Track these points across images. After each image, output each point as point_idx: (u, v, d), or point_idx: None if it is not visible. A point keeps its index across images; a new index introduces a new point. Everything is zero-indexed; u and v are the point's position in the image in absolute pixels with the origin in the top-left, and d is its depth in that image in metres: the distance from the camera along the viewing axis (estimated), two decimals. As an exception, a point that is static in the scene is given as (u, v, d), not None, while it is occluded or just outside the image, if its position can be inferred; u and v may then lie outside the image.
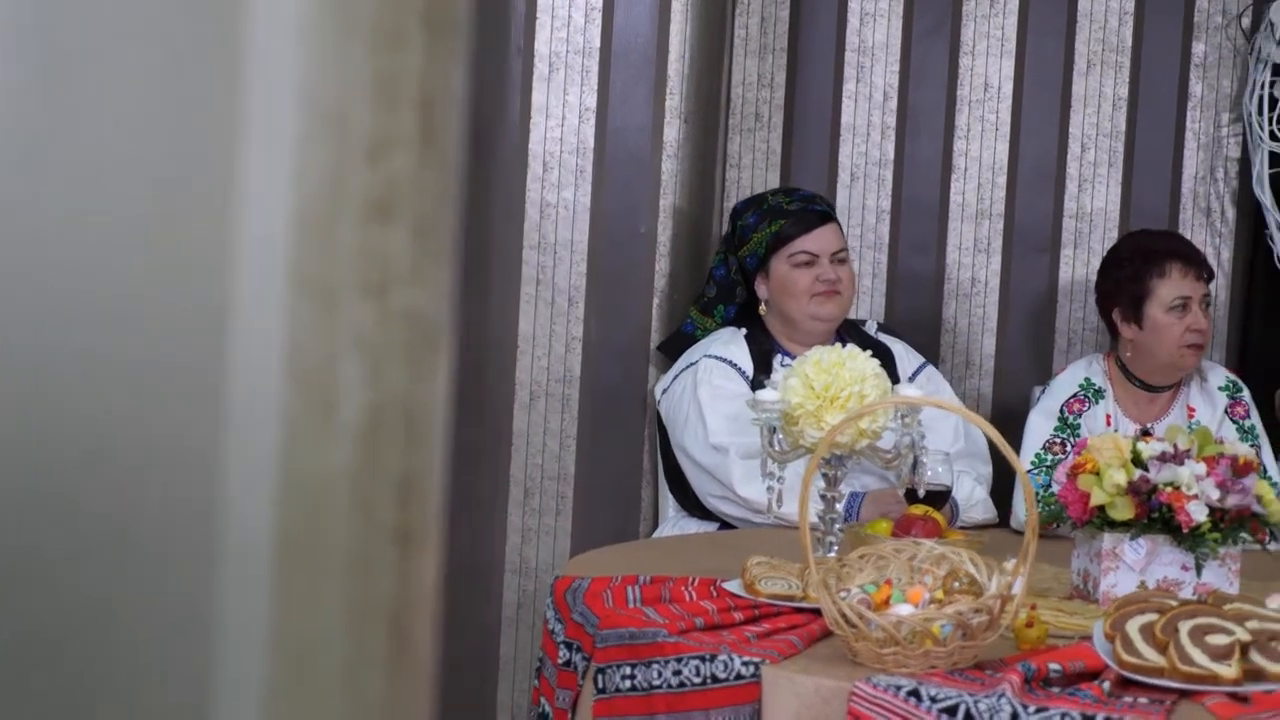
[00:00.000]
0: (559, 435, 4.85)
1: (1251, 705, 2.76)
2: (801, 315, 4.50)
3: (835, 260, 4.54)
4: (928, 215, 5.44)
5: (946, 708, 2.72)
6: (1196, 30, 5.38)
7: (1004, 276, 5.44)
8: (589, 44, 4.83)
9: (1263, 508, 3.41)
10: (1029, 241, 5.43)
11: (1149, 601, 2.97)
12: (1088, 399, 4.62)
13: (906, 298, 5.44)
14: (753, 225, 4.58)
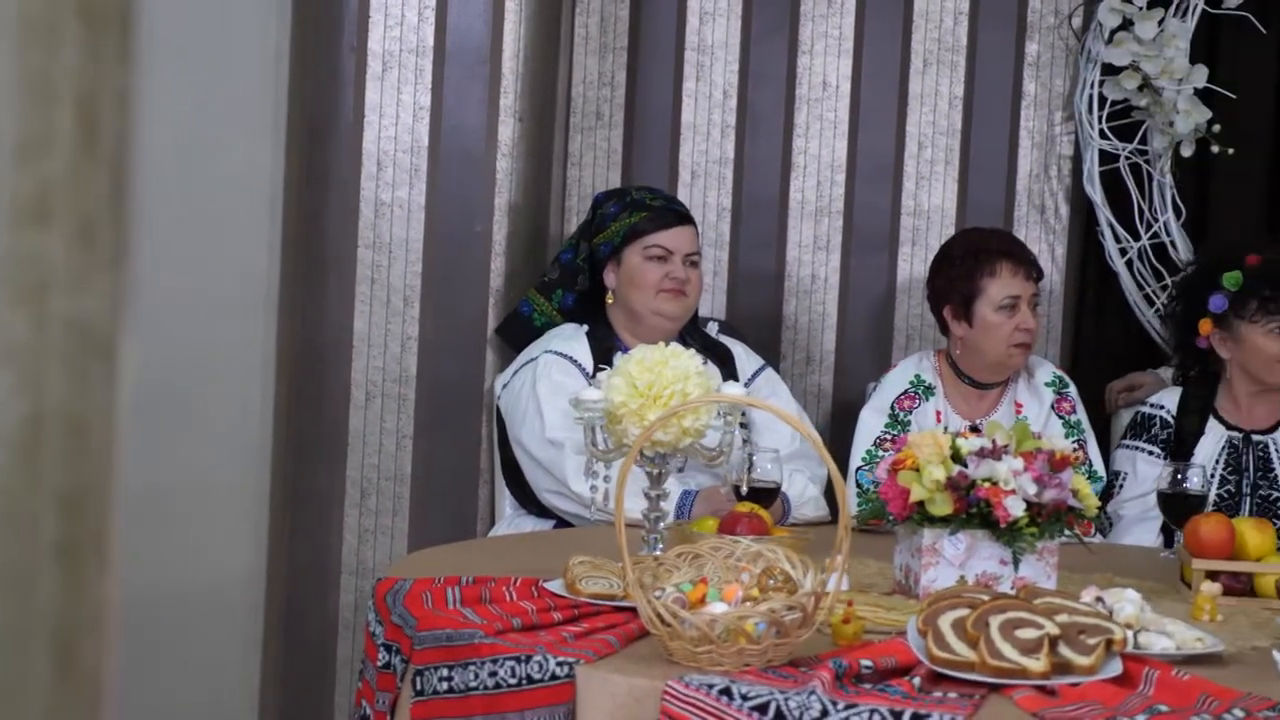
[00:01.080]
0: (395, 435, 4.80)
1: (1058, 698, 2.76)
2: (646, 309, 4.49)
3: (687, 261, 4.55)
4: (768, 213, 5.44)
5: (758, 705, 2.70)
6: (1029, 30, 5.41)
7: (843, 273, 5.44)
8: (423, 42, 4.78)
9: (1079, 502, 3.42)
10: (868, 239, 5.44)
11: (961, 597, 2.96)
12: (918, 395, 4.63)
13: (747, 295, 5.44)
14: (613, 214, 4.59)
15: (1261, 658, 3.08)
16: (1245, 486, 4.54)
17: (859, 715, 2.66)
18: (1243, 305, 4.54)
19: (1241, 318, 4.54)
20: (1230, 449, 4.59)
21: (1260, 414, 4.62)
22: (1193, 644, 3.07)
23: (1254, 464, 4.56)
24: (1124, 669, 2.88)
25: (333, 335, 4.77)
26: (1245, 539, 3.70)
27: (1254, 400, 4.62)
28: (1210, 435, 4.61)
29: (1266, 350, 4.53)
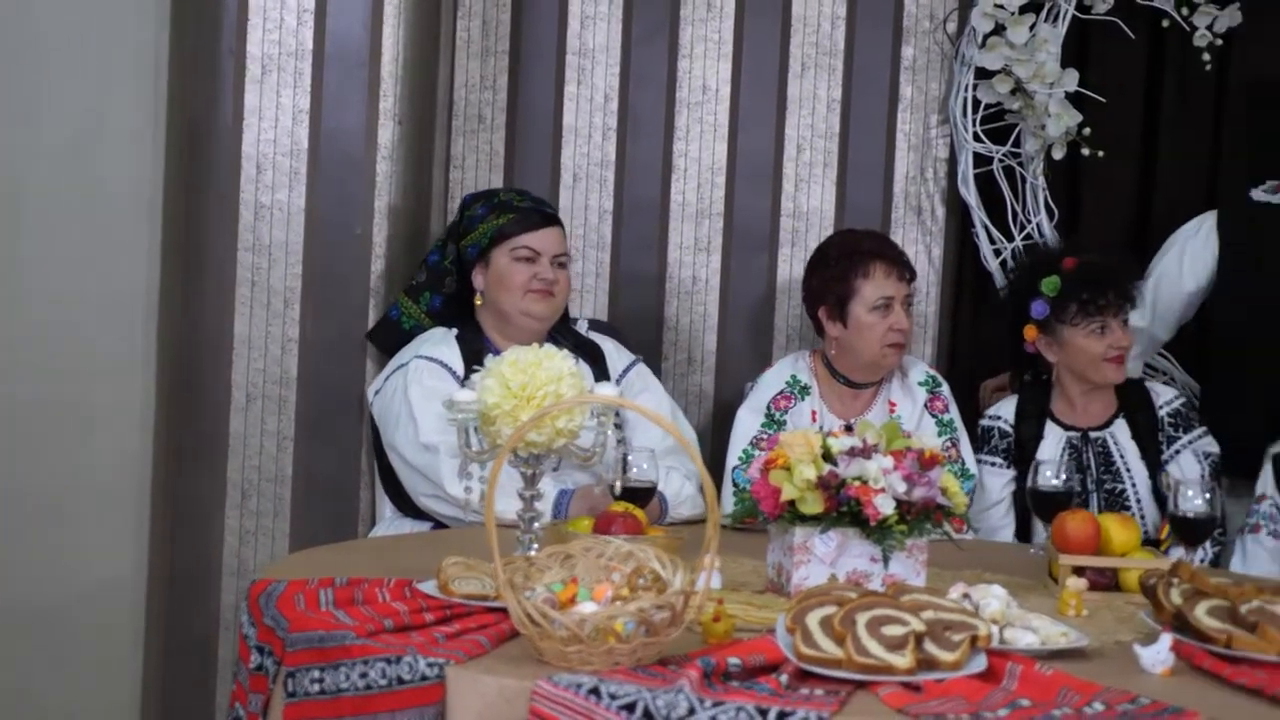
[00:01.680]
0: (276, 436, 4.76)
1: (923, 694, 2.77)
2: (515, 310, 4.48)
3: (555, 263, 4.53)
4: (649, 215, 5.44)
5: (625, 704, 2.69)
6: (905, 35, 5.43)
7: (724, 274, 5.45)
8: (301, 46, 4.74)
9: (948, 500, 3.43)
10: (748, 240, 5.44)
11: (830, 595, 2.97)
12: (794, 395, 4.64)
13: (629, 296, 5.43)
14: (481, 216, 4.57)
15: (1124, 651, 3.11)
16: (1090, 483, 4.59)
17: (725, 713, 2.66)
18: (1063, 309, 4.59)
19: (1063, 321, 4.60)
20: (1071, 449, 4.63)
21: (1095, 411, 4.66)
22: (1057, 639, 3.09)
23: (1095, 460, 4.60)
24: (988, 664, 2.90)
25: (213, 337, 4.73)
26: (1110, 535, 3.73)
27: (1087, 399, 4.66)
28: (1049, 438, 4.65)
29: (1090, 351, 4.58)
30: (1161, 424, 4.64)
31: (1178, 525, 3.81)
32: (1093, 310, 4.57)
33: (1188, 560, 3.79)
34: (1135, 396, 4.69)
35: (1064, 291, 4.60)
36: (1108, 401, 4.68)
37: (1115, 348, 4.58)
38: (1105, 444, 4.63)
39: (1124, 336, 4.58)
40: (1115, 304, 4.58)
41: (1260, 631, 3.07)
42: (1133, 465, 4.59)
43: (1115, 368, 4.59)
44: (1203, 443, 4.63)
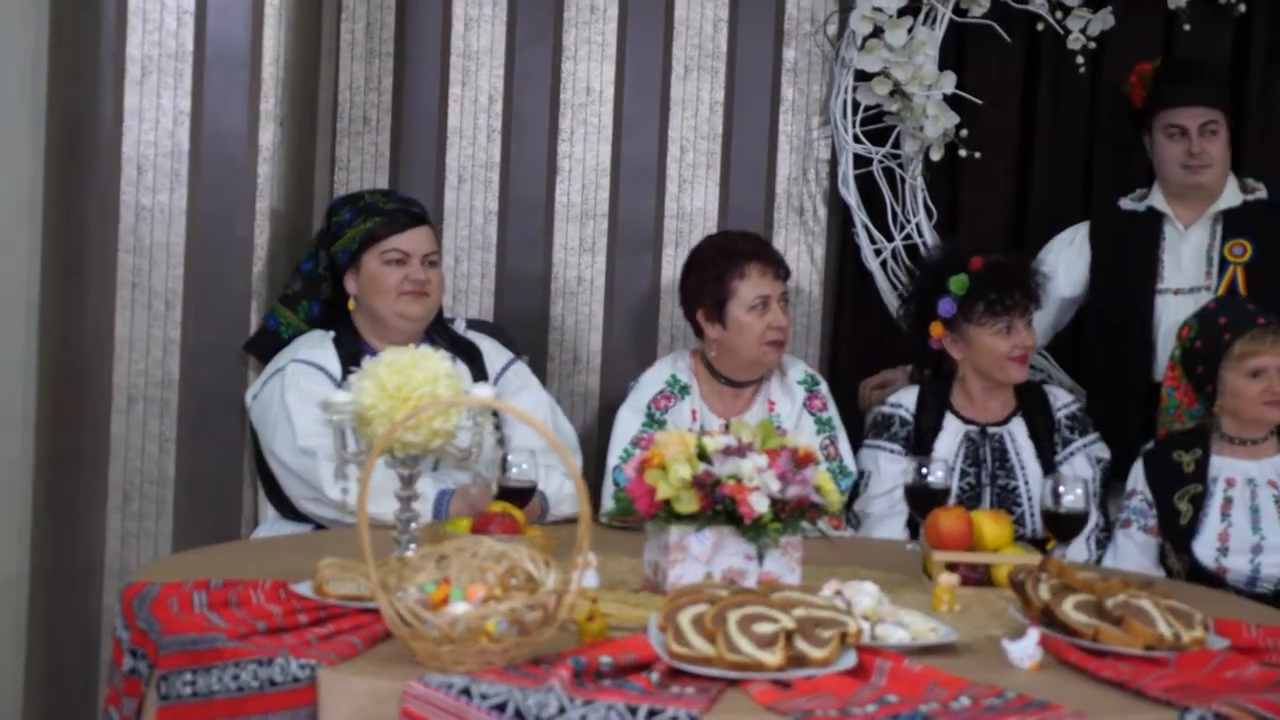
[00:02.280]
0: (158, 439, 4.70)
1: (793, 690, 2.76)
2: (389, 313, 4.43)
3: (426, 263, 4.48)
4: (534, 216, 5.42)
5: (496, 704, 2.67)
6: (787, 38, 5.43)
7: (609, 275, 5.43)
8: (182, 48, 4.68)
9: (822, 498, 3.43)
10: (632, 241, 5.43)
11: (702, 593, 2.95)
12: (674, 395, 4.63)
13: (515, 296, 5.41)
14: (348, 221, 4.50)
15: (994, 646, 3.11)
16: (985, 478, 4.60)
17: (595, 711, 2.64)
18: (970, 309, 4.60)
19: (969, 320, 4.61)
20: (968, 443, 4.64)
21: (994, 408, 4.68)
22: (927, 634, 3.09)
23: (991, 456, 4.62)
24: (858, 661, 2.89)
25: (94, 340, 4.66)
26: (983, 531, 3.74)
27: (987, 395, 4.68)
28: (948, 430, 4.66)
29: (995, 350, 4.60)
30: (1058, 426, 4.66)
31: (1050, 520, 3.83)
32: (999, 310, 4.58)
33: (1060, 556, 3.82)
34: (1033, 398, 4.70)
35: (971, 291, 4.61)
36: (1007, 400, 4.70)
37: (1020, 347, 4.59)
38: (1002, 440, 4.65)
39: (1028, 336, 4.60)
40: (1021, 304, 4.59)
41: (1126, 626, 3.09)
42: (1027, 464, 4.61)
43: (1019, 367, 4.61)
44: (1095, 447, 4.66)
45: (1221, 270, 4.98)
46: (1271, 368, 4.36)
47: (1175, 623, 3.13)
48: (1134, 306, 5.00)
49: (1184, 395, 4.56)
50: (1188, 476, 4.42)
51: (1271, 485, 4.40)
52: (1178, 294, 4.98)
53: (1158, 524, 4.42)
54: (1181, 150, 4.97)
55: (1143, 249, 5.04)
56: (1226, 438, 4.46)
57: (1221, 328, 4.45)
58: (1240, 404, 4.39)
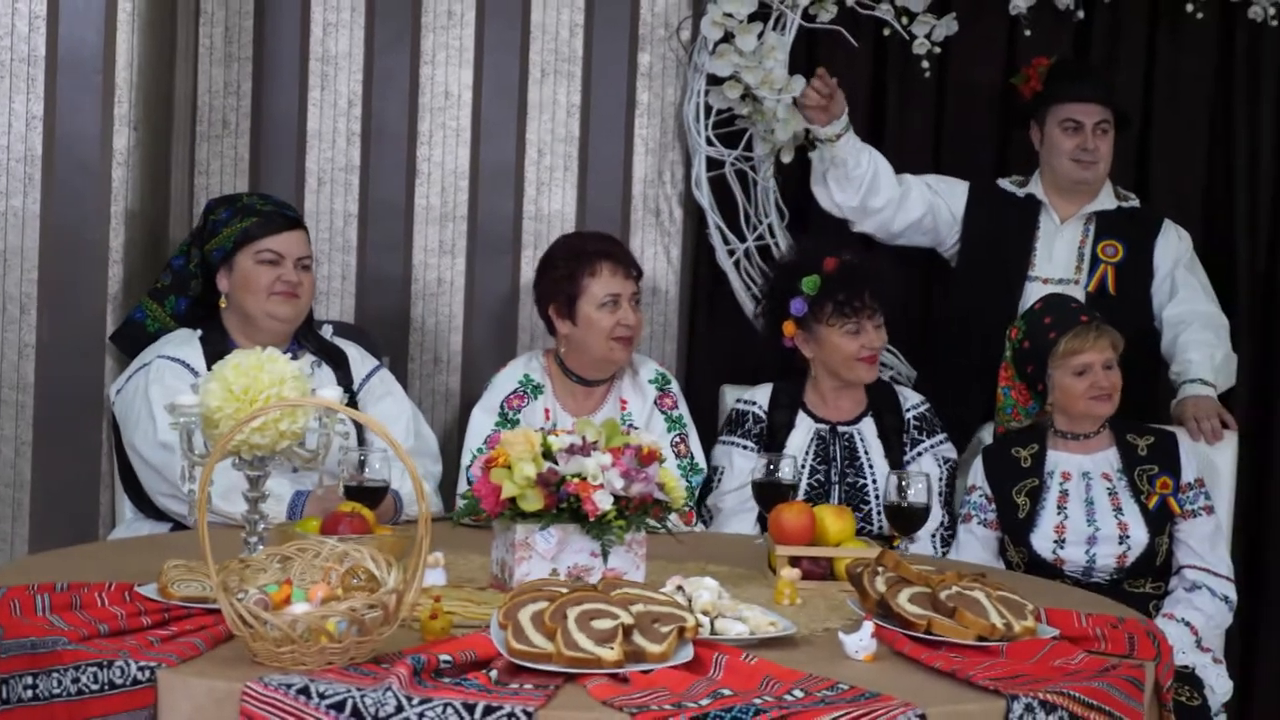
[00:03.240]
0: (14, 442, 4.64)
1: (630, 685, 2.75)
2: (259, 312, 4.40)
3: (299, 266, 4.46)
4: (394, 218, 5.39)
5: (334, 703, 2.64)
6: (642, 42, 5.43)
7: (468, 276, 5.42)
8: (34, 52, 4.62)
9: (666, 494, 3.42)
10: (491, 243, 5.42)
11: (542, 590, 2.94)
12: (527, 394, 4.61)
13: (376, 298, 5.39)
14: (224, 220, 4.48)
15: (831, 639, 3.12)
16: (834, 475, 4.62)
17: (433, 709, 2.62)
18: (820, 309, 4.62)
19: (819, 320, 4.62)
20: (819, 440, 4.66)
21: (846, 407, 4.70)
22: (766, 628, 3.10)
23: (841, 454, 4.64)
24: (695, 655, 2.89)
25: (-52, 344, 4.60)
26: (826, 525, 3.75)
27: (838, 394, 4.70)
28: (800, 428, 4.68)
29: (844, 350, 4.61)
30: (907, 426, 4.68)
31: (893, 514, 3.85)
32: (848, 311, 4.59)
33: (904, 550, 3.84)
34: (884, 398, 4.72)
35: (822, 291, 4.62)
36: (858, 399, 4.71)
37: (868, 348, 4.60)
38: (852, 439, 4.66)
39: (876, 337, 4.61)
40: (870, 306, 4.60)
41: (958, 616, 3.10)
42: (876, 462, 4.62)
43: (867, 367, 4.63)
44: (943, 448, 4.68)
45: (1093, 268, 5.04)
46: (1096, 364, 4.41)
47: (1007, 613, 3.15)
48: (1004, 288, 5.04)
49: (1019, 394, 4.60)
50: (1025, 471, 4.46)
51: (1105, 478, 4.44)
52: (1046, 283, 5.04)
53: (997, 518, 4.46)
54: (1075, 144, 5.04)
55: (1018, 233, 5.10)
56: (1060, 433, 4.50)
57: (1047, 327, 4.49)
58: (1068, 400, 4.43)
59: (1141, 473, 4.43)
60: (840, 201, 5.14)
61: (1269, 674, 5.47)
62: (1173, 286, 5.04)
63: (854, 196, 5.12)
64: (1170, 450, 4.48)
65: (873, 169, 5.09)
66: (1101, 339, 4.42)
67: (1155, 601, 4.40)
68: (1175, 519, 4.41)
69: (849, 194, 5.11)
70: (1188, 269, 5.08)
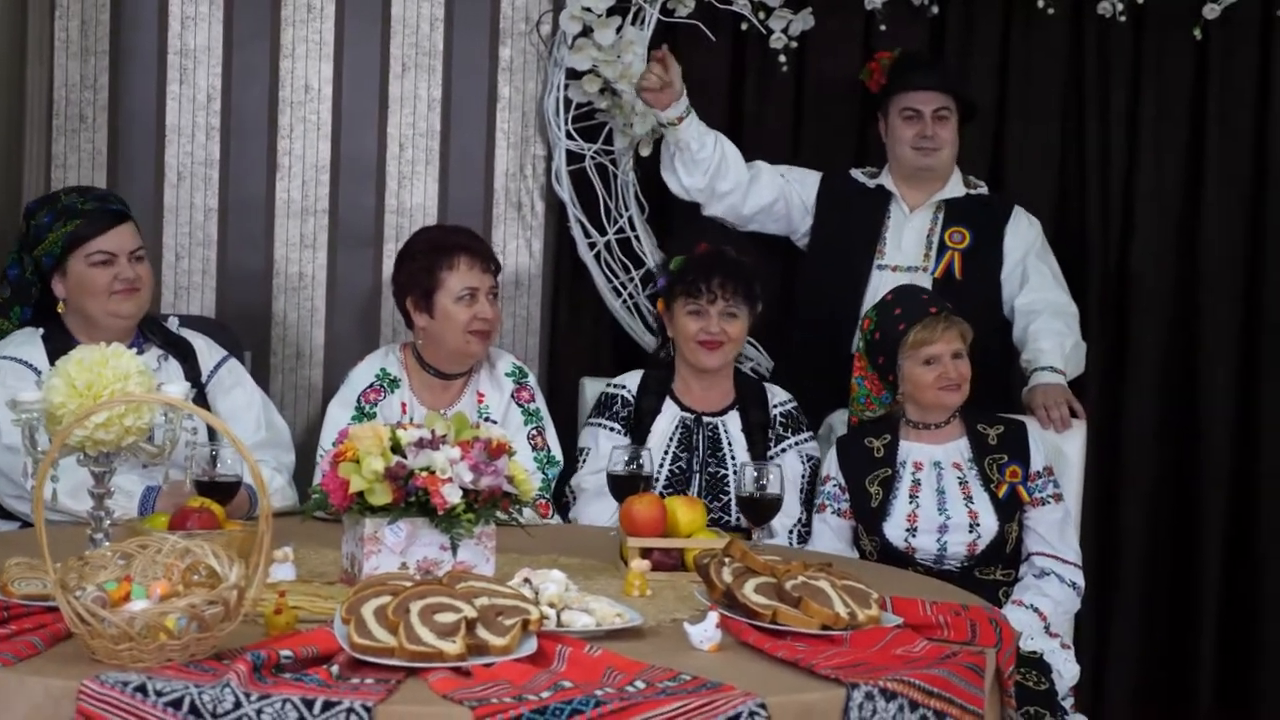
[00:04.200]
0: None
1: (471, 679, 2.72)
2: (101, 313, 4.28)
3: (133, 259, 4.33)
4: (255, 213, 5.35)
5: (172, 701, 2.60)
6: (502, 36, 5.41)
7: (330, 270, 5.37)
8: (-119, 46, 4.53)
9: (514, 487, 3.40)
10: (353, 236, 5.38)
11: (386, 584, 2.91)
12: (383, 388, 4.58)
13: (237, 293, 5.33)
14: (48, 225, 4.31)
15: (678, 629, 3.10)
16: (695, 464, 4.61)
17: (271, 705, 2.58)
18: (674, 287, 4.62)
19: (673, 299, 4.62)
20: (683, 429, 4.65)
21: (713, 398, 4.69)
22: (612, 620, 3.08)
23: (704, 443, 4.63)
24: (539, 648, 2.87)
25: None
26: (677, 517, 3.73)
27: (704, 386, 4.69)
28: (665, 414, 4.67)
29: (686, 330, 4.61)
30: (773, 422, 4.68)
31: (746, 505, 3.84)
32: (693, 291, 4.58)
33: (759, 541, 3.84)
34: (752, 393, 4.72)
35: (680, 271, 4.62)
36: (725, 391, 4.70)
37: (706, 332, 4.59)
38: (716, 430, 4.65)
39: (717, 323, 4.59)
40: (715, 292, 4.57)
41: (803, 606, 3.10)
42: (739, 455, 4.62)
43: (706, 351, 4.61)
44: (807, 446, 4.68)
45: (940, 254, 5.06)
46: (944, 354, 4.42)
47: (851, 602, 3.15)
48: (851, 277, 5.06)
49: (872, 384, 4.61)
50: (878, 461, 4.47)
51: (956, 467, 4.46)
52: (895, 270, 5.06)
53: (851, 508, 4.46)
54: (915, 132, 5.06)
55: (867, 222, 5.12)
56: (912, 423, 4.51)
57: (897, 318, 4.50)
58: (918, 390, 4.45)
59: (991, 462, 4.45)
60: (687, 184, 5.13)
61: (1121, 658, 5.53)
62: (1024, 275, 5.08)
63: (701, 179, 5.11)
64: (1020, 439, 4.50)
65: (719, 153, 5.09)
66: (950, 330, 4.43)
67: (1005, 588, 4.42)
68: (1025, 507, 4.43)
69: (696, 177, 5.11)
70: (1039, 257, 5.11)
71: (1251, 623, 5.51)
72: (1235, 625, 5.52)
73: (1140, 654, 5.55)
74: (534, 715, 2.60)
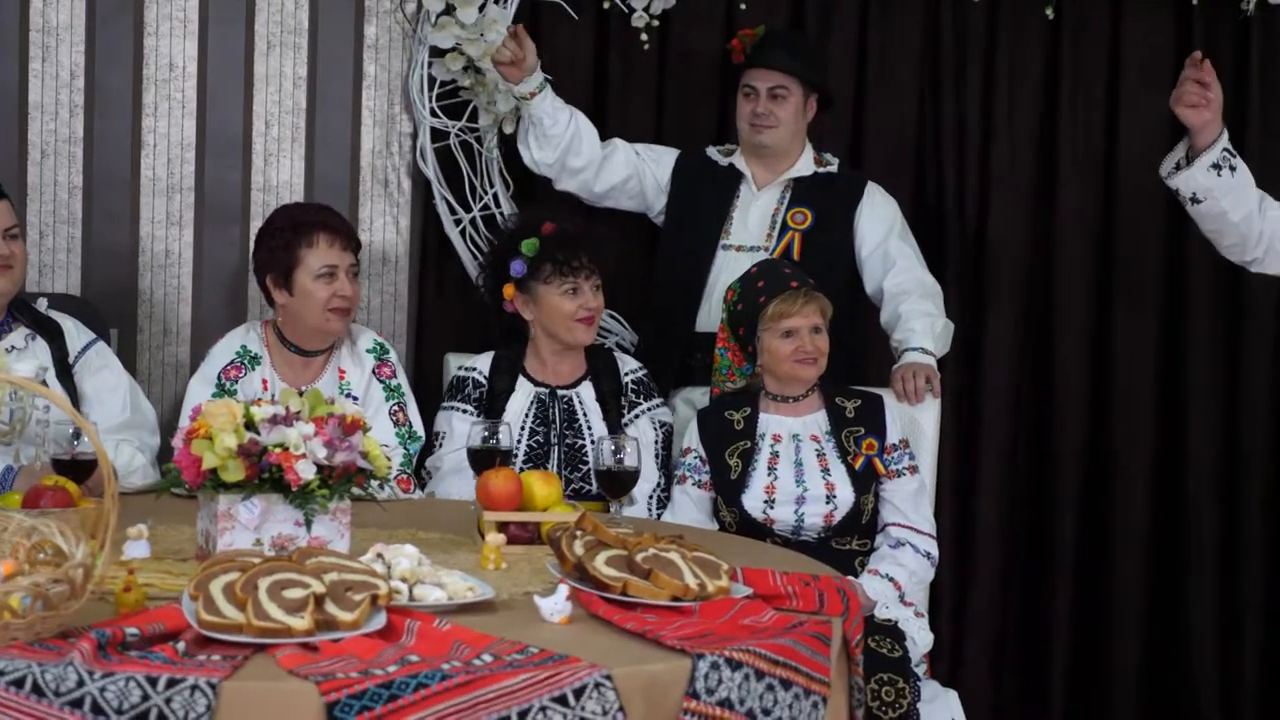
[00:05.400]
0: None
1: (318, 654, 2.69)
2: None
3: (7, 236, 4.27)
4: (120, 190, 5.28)
5: (14, 680, 2.55)
6: (368, 14, 5.37)
7: (197, 248, 5.31)
8: None
9: (369, 463, 3.37)
10: (219, 214, 5.33)
11: (235, 561, 2.88)
12: (244, 365, 4.53)
13: (102, 270, 5.27)
14: None
15: (529, 602, 3.08)
16: (553, 437, 4.60)
17: (115, 683, 2.54)
18: (539, 269, 4.60)
19: (538, 280, 4.61)
20: (538, 404, 4.64)
21: (565, 371, 4.68)
22: (464, 594, 3.06)
23: (560, 416, 4.62)
24: (389, 622, 2.84)
25: None
26: (533, 491, 3.72)
27: (557, 359, 4.68)
28: (520, 392, 4.65)
29: (562, 309, 4.60)
30: (625, 390, 4.68)
31: (604, 478, 3.84)
32: (566, 271, 4.58)
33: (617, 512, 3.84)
34: (603, 363, 4.72)
35: (541, 253, 4.60)
36: (577, 363, 4.70)
37: (585, 308, 4.59)
38: (570, 402, 4.65)
39: (593, 298, 4.60)
40: (587, 267, 4.59)
41: (653, 578, 3.10)
42: (594, 425, 4.62)
43: (585, 328, 4.61)
44: (659, 411, 4.69)
45: (781, 234, 5.06)
46: (803, 328, 4.43)
47: (701, 573, 3.15)
48: (697, 256, 5.06)
49: (734, 355, 4.61)
50: (738, 434, 4.48)
51: (814, 440, 4.47)
52: (740, 250, 5.05)
53: (711, 479, 4.47)
54: (750, 109, 5.05)
55: (716, 201, 5.10)
56: (771, 396, 4.52)
57: (759, 290, 4.51)
58: (775, 362, 4.46)
59: (849, 434, 4.46)
60: (539, 159, 5.09)
61: (979, 627, 5.58)
62: (887, 257, 5.07)
63: (552, 154, 5.08)
64: (877, 412, 4.52)
65: (573, 129, 5.05)
66: (810, 305, 4.44)
67: (861, 558, 4.44)
68: (880, 479, 4.45)
69: (548, 152, 5.07)
70: (901, 238, 5.11)
71: (1104, 588, 5.57)
72: (1089, 589, 5.58)
73: (998, 620, 5.60)
74: (379, 689, 2.58)
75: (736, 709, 2.82)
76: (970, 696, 5.45)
